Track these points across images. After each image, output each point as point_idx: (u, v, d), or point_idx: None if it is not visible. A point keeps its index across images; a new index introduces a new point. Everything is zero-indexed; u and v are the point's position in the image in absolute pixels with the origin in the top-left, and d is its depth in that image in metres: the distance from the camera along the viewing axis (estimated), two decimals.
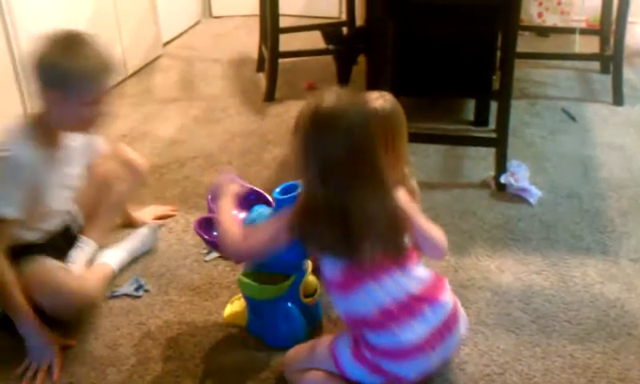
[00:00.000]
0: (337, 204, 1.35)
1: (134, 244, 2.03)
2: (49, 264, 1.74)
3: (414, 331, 1.39)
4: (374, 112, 1.51)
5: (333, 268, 1.42)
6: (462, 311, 1.50)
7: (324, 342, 1.51)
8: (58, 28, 1.62)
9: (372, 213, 1.37)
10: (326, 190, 1.35)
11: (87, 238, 1.93)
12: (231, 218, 1.56)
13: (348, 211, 1.35)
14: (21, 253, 1.70)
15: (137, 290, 1.86)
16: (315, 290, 1.72)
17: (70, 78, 1.60)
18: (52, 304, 1.67)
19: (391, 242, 1.41)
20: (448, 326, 1.44)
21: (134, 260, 2.01)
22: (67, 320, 1.72)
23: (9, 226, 1.63)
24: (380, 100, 1.77)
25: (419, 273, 1.45)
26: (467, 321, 1.53)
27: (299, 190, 1.56)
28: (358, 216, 1.35)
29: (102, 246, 1.96)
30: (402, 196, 1.46)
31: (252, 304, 1.67)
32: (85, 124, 1.71)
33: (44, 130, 1.69)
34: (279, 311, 1.63)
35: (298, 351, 1.54)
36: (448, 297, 1.46)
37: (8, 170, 1.61)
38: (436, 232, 1.51)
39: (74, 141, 1.80)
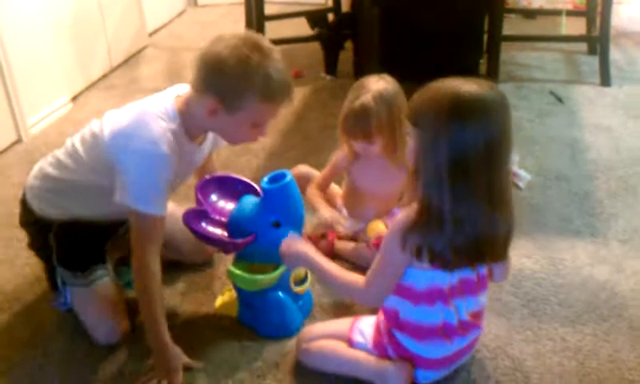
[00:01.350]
0: (464, 209, 1.20)
1: None
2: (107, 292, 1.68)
3: (447, 349, 1.40)
4: (507, 102, 1.25)
5: (420, 279, 1.32)
6: None
7: (349, 319, 1.53)
8: (246, 33, 1.49)
9: (497, 222, 1.25)
10: (455, 191, 1.19)
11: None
12: (334, 266, 1.43)
13: (476, 218, 1.21)
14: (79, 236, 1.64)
15: (127, 285, 1.84)
16: (305, 278, 1.72)
17: (249, 99, 1.45)
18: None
19: (499, 256, 1.34)
20: (471, 346, 1.47)
21: None
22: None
23: (161, 223, 1.51)
24: (381, 82, 1.76)
25: (482, 299, 1.43)
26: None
27: (285, 178, 1.55)
28: (485, 225, 1.23)
29: None
30: None
31: (243, 295, 1.66)
32: (238, 141, 1.61)
33: (190, 124, 1.55)
34: (270, 301, 1.63)
35: (315, 325, 1.56)
36: (483, 322, 1.47)
37: (161, 168, 1.47)
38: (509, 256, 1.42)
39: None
